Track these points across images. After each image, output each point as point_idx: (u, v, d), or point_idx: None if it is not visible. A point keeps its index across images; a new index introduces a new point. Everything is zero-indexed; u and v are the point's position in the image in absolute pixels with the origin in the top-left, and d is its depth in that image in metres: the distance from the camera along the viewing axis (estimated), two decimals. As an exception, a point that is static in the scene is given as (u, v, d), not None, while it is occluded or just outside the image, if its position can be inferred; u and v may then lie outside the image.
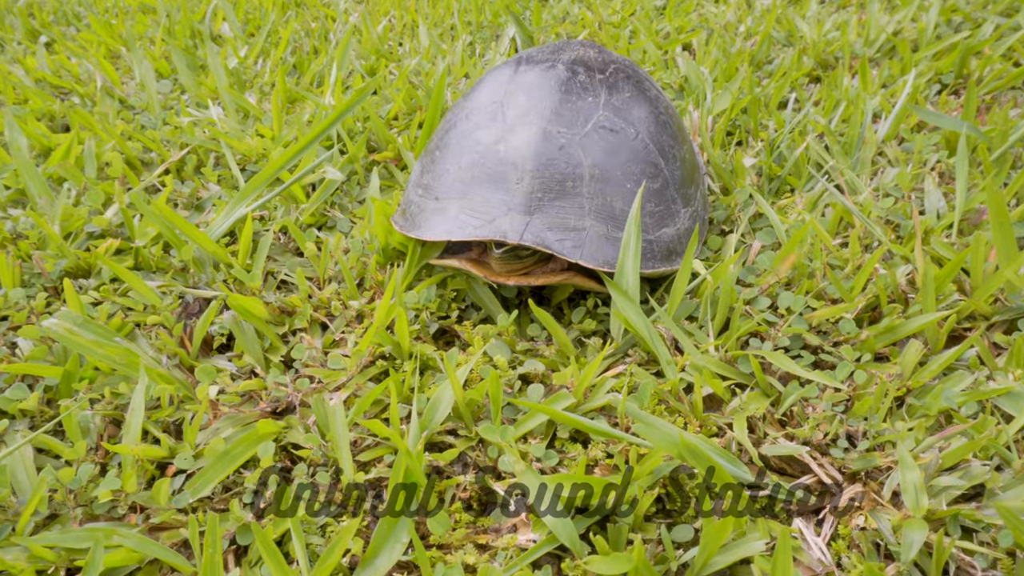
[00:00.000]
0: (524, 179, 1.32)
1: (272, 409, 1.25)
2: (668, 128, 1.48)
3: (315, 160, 1.74)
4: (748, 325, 1.29)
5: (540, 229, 1.29)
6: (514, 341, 1.33)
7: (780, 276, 1.42)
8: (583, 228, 1.30)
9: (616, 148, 1.37)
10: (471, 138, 1.41)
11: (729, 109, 1.98)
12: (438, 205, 1.39)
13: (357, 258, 1.53)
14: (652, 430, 1.03)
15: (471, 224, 1.31)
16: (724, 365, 1.26)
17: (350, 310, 1.42)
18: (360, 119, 2.07)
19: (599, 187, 1.34)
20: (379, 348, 1.32)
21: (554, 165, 1.33)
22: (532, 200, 1.31)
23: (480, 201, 1.34)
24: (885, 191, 1.69)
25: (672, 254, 1.41)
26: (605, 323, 1.39)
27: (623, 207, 1.34)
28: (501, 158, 1.36)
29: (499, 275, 1.35)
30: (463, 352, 1.35)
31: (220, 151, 1.94)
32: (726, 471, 1.01)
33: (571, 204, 1.32)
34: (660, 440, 1.00)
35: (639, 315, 1.26)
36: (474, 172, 1.37)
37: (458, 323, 1.42)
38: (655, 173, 1.40)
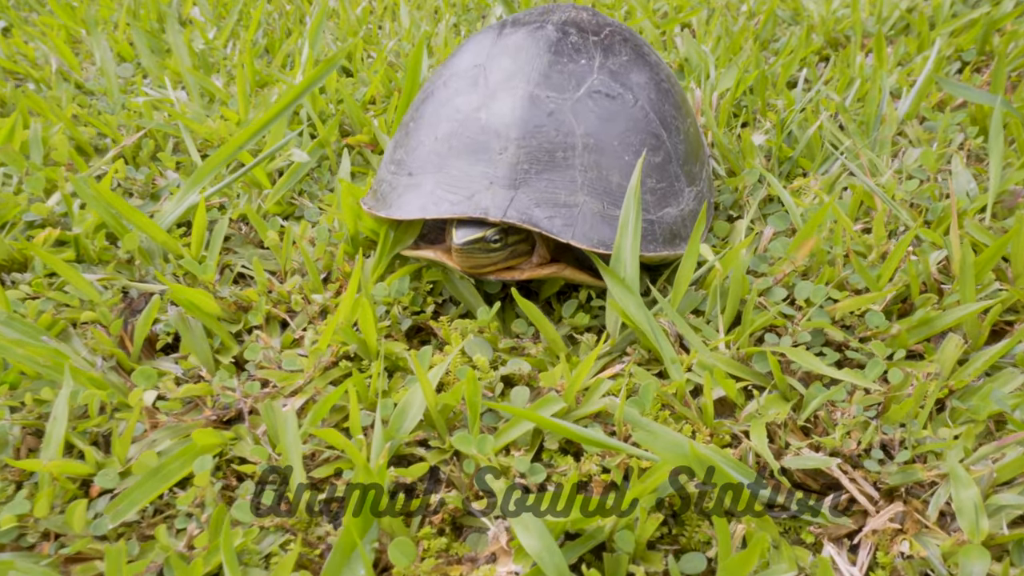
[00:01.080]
0: (508, 149, 1.17)
1: (218, 418, 1.09)
2: (670, 97, 1.32)
3: (280, 141, 1.57)
4: (763, 319, 1.13)
5: (526, 205, 1.13)
6: (496, 338, 1.17)
7: (797, 264, 1.26)
8: (575, 204, 1.15)
9: (613, 115, 1.21)
10: (449, 106, 1.25)
11: (735, 86, 1.82)
12: (411, 181, 1.23)
13: (323, 248, 1.37)
14: (656, 439, 0.87)
15: (447, 200, 1.16)
16: (737, 364, 1.10)
17: (313, 305, 1.26)
18: (333, 101, 1.90)
19: (594, 158, 1.18)
20: (343, 347, 1.16)
21: (542, 133, 1.17)
22: (517, 172, 1.15)
23: (459, 174, 1.18)
24: (908, 172, 1.53)
25: (675, 237, 1.25)
26: (600, 318, 1.23)
27: (620, 181, 1.18)
28: (483, 126, 1.20)
29: (473, 270, 1.19)
30: (439, 351, 1.18)
31: (180, 136, 1.77)
32: (745, 489, 0.84)
33: (562, 177, 1.16)
34: (666, 451, 0.84)
35: (639, 307, 1.10)
36: (452, 143, 1.21)
37: (434, 319, 1.26)
38: (656, 145, 1.24)
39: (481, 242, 1.13)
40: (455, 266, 1.19)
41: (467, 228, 1.14)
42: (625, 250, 1.13)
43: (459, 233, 1.14)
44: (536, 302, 1.28)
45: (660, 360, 1.13)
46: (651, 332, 1.08)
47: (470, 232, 1.13)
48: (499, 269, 1.19)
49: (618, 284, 1.11)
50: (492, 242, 1.14)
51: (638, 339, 1.14)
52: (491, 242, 1.14)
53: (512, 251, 1.18)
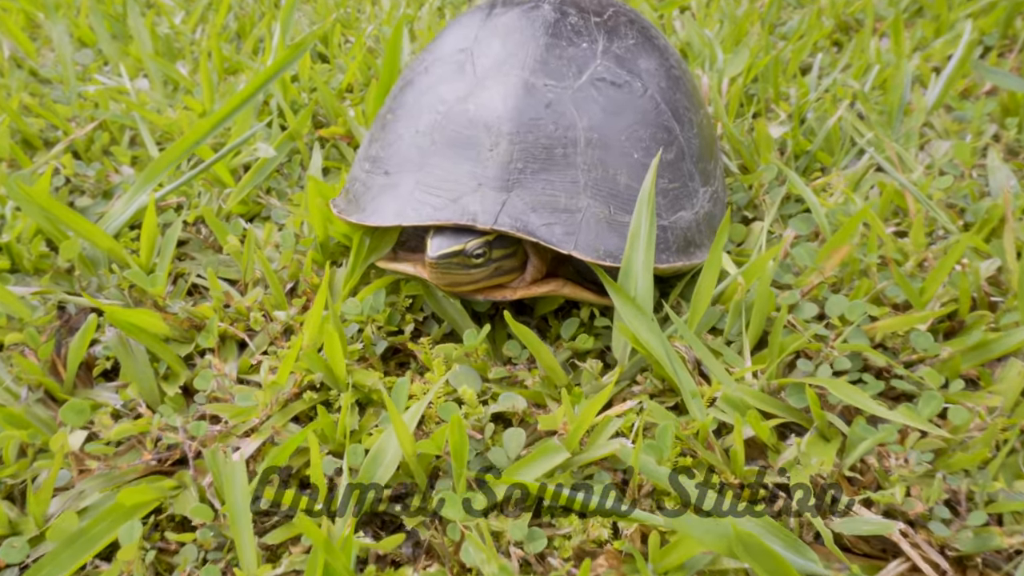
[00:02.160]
0: (500, 144, 1.01)
1: (161, 461, 0.93)
2: (682, 85, 1.17)
3: (244, 134, 1.41)
4: (795, 342, 0.98)
5: (521, 210, 0.97)
6: (486, 365, 1.01)
7: (826, 275, 1.11)
8: (578, 209, 0.99)
9: (620, 106, 1.05)
10: (432, 95, 1.10)
11: (746, 71, 1.66)
12: (387, 181, 1.07)
13: (289, 255, 1.21)
14: (691, 526, 0.71)
15: (429, 204, 1.00)
16: (767, 398, 0.94)
17: (275, 323, 1.10)
18: (306, 90, 1.74)
19: (598, 156, 1.02)
20: (307, 376, 1.00)
21: (539, 127, 1.02)
22: (510, 172, 1.00)
23: (442, 174, 1.03)
24: (940, 168, 1.38)
25: (690, 245, 1.09)
26: (604, 338, 1.08)
27: (629, 182, 1.03)
28: (470, 118, 1.04)
29: (450, 288, 1.04)
30: (419, 378, 1.03)
31: (138, 128, 1.60)
32: (793, 569, 0.68)
33: (562, 178, 1.00)
34: (703, 534, 0.68)
35: (652, 330, 0.95)
36: (435, 137, 1.05)
37: (414, 340, 1.09)
38: (668, 140, 1.08)
39: (460, 256, 0.97)
40: (439, 284, 1.03)
41: (444, 238, 0.98)
42: (636, 263, 0.97)
43: (434, 244, 0.98)
44: (531, 319, 1.13)
45: (675, 390, 0.98)
46: (667, 360, 0.93)
47: (447, 243, 0.98)
48: (484, 288, 1.03)
49: (627, 303, 0.96)
50: (474, 256, 0.98)
51: (650, 366, 0.99)
52: (472, 256, 0.98)
53: (497, 268, 1.02)
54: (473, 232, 0.98)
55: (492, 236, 0.99)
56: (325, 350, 0.96)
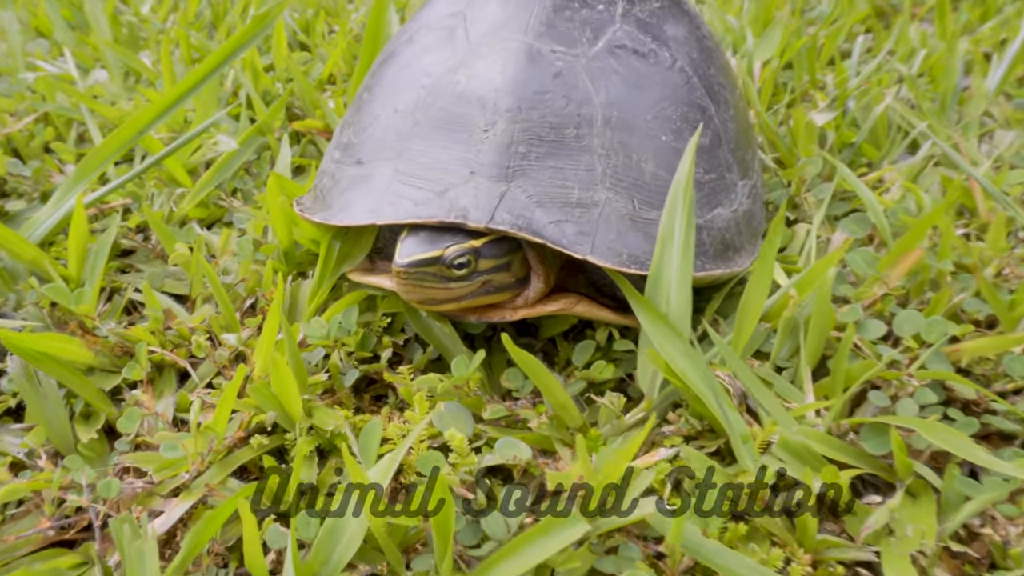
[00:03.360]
0: (497, 124, 0.82)
1: (64, 528, 0.73)
2: (715, 59, 0.98)
3: (201, 125, 1.21)
4: (867, 369, 0.78)
5: (523, 204, 0.78)
6: (480, 401, 0.82)
7: (891, 286, 0.92)
8: (594, 203, 0.80)
9: (644, 79, 0.86)
10: (415, 68, 0.91)
11: (780, 53, 1.46)
12: (360, 172, 0.88)
13: (248, 266, 1.01)
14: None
15: (409, 198, 0.81)
16: (835, 442, 0.75)
17: (223, 349, 0.90)
18: (282, 80, 1.54)
19: (619, 138, 0.83)
20: (256, 416, 0.80)
21: (546, 102, 0.83)
22: (510, 157, 0.81)
23: (427, 161, 0.84)
24: (1009, 162, 1.19)
25: (728, 249, 0.90)
26: (626, 364, 0.88)
27: (656, 171, 0.84)
28: (460, 93, 0.85)
29: (424, 306, 0.84)
30: (398, 415, 0.83)
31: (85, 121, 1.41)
32: None
33: (574, 164, 0.81)
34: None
35: (690, 356, 0.75)
36: (418, 118, 0.86)
37: (392, 368, 0.90)
38: (703, 122, 0.89)
39: (436, 265, 0.78)
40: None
41: (419, 240, 0.79)
42: (669, 271, 0.77)
43: (404, 247, 0.79)
44: (535, 342, 0.93)
45: (715, 431, 0.78)
46: (710, 396, 0.73)
47: (420, 247, 0.79)
48: (470, 308, 0.84)
49: (658, 323, 0.76)
50: (453, 266, 0.79)
51: (685, 401, 0.79)
52: (451, 266, 0.79)
53: (486, 283, 0.83)
54: (458, 234, 0.79)
55: (480, 242, 0.79)
56: (274, 384, 0.76)
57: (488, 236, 0.80)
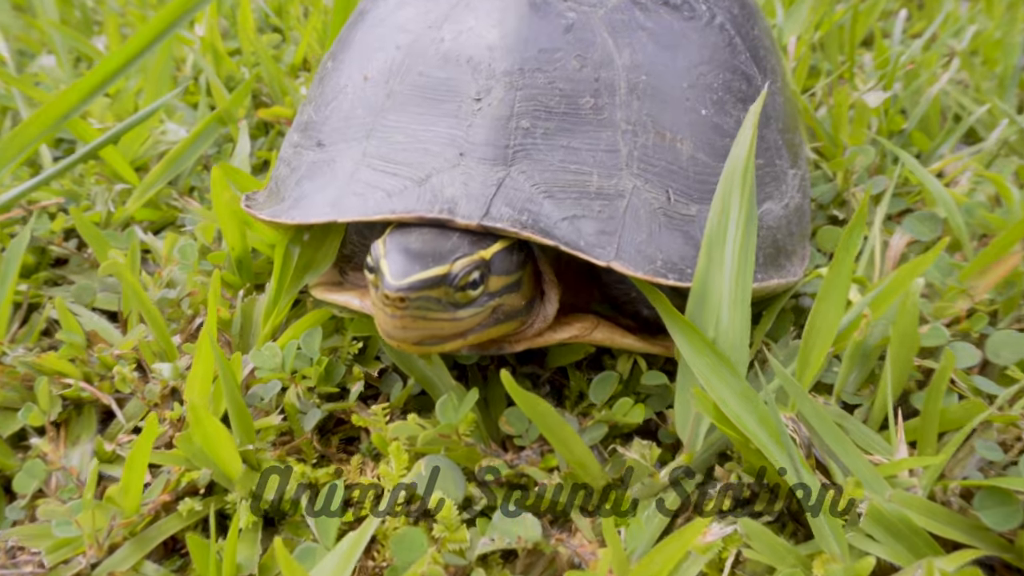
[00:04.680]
0: (493, 91, 0.65)
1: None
2: (759, 18, 0.81)
3: (146, 108, 1.03)
4: (973, 411, 0.61)
5: (528, 194, 0.61)
6: (474, 452, 0.64)
7: (977, 299, 0.75)
8: (618, 193, 0.63)
9: (678, 37, 0.70)
10: (388, 24, 0.74)
11: (814, 27, 1.29)
12: (320, 156, 0.71)
13: (192, 278, 0.84)
14: None
15: (381, 188, 0.64)
16: (940, 511, 0.57)
17: (154, 382, 0.72)
18: (248, 64, 1.36)
19: (648, 110, 0.66)
20: (187, 474, 0.62)
21: (556, 63, 0.66)
22: (510, 134, 0.64)
23: (403, 140, 0.67)
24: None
25: (780, 254, 0.73)
26: (655, 399, 0.71)
27: (695, 153, 0.67)
28: (445, 53, 0.68)
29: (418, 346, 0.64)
30: (371, 467, 0.66)
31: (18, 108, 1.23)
32: None
33: (592, 143, 0.65)
34: None
35: (747, 396, 0.57)
36: (392, 86, 0.69)
37: (364, 405, 0.72)
38: (748, 93, 0.72)
39: (441, 287, 0.59)
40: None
41: (408, 250, 0.60)
42: (720, 282, 0.60)
43: (394, 263, 0.59)
44: (542, 371, 0.76)
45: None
46: (776, 451, 0.55)
47: (417, 262, 0.59)
48: (475, 342, 0.66)
49: (705, 353, 0.58)
50: (466, 287, 0.60)
51: (736, 452, 0.61)
52: (462, 287, 0.60)
53: (496, 308, 0.64)
54: (456, 237, 0.62)
55: (489, 252, 0.61)
56: (195, 433, 0.58)
57: (499, 243, 0.62)
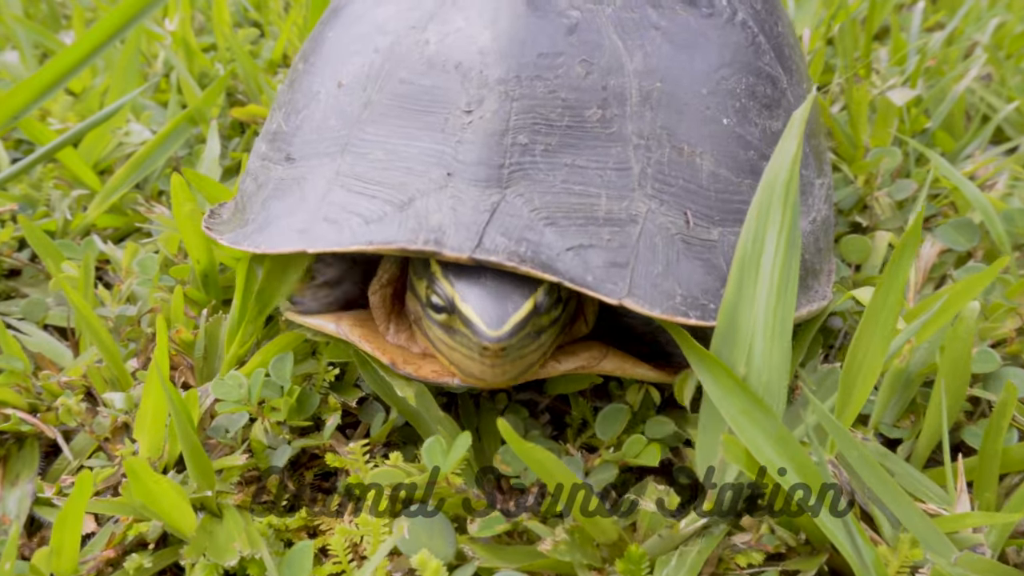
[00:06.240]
0: (486, 102, 0.58)
1: None
2: (781, 13, 0.74)
3: (108, 107, 0.95)
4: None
5: (526, 221, 0.55)
6: (466, 501, 0.56)
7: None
8: (632, 218, 0.56)
9: (696, 37, 0.63)
10: (365, 24, 0.66)
11: (827, 20, 1.21)
12: (290, 172, 0.64)
13: (153, 294, 0.76)
14: None
15: (358, 213, 0.57)
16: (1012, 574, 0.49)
17: (103, 415, 0.65)
18: (223, 61, 1.29)
19: (664, 122, 0.59)
20: (135, 527, 0.55)
21: (558, 70, 0.59)
22: (505, 151, 0.57)
23: (383, 157, 0.60)
24: None
25: (808, 275, 0.66)
26: (669, 434, 0.63)
27: (717, 169, 0.60)
28: (430, 58, 0.61)
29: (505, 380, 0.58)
30: (350, 513, 0.58)
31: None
32: None
33: (600, 161, 0.58)
34: None
35: (785, 442, 0.50)
36: (370, 94, 0.62)
37: (342, 437, 0.66)
38: (774, 99, 0.65)
39: (532, 319, 0.55)
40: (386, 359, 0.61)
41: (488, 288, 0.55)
42: (752, 314, 0.52)
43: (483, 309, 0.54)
44: (540, 398, 0.69)
45: (813, 543, 0.53)
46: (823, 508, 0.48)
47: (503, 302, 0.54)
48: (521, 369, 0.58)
49: (735, 393, 0.51)
50: (548, 311, 0.56)
51: (768, 502, 0.54)
52: (545, 313, 0.56)
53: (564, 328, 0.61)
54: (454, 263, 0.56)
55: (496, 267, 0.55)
56: (136, 491, 0.50)
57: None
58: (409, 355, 0.63)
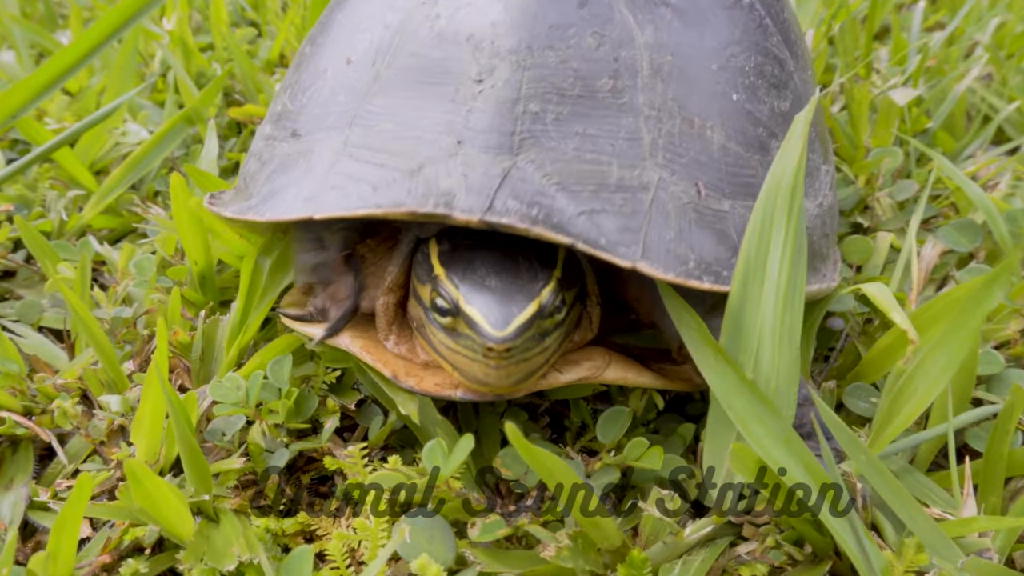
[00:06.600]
0: (497, 72, 0.58)
1: None
2: (786, 4, 0.75)
3: (104, 108, 0.95)
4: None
5: (538, 186, 0.54)
6: (467, 505, 0.55)
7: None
8: (643, 186, 0.56)
9: (705, 14, 0.63)
10: (375, 3, 0.66)
11: (828, 19, 1.21)
12: (296, 146, 0.63)
13: (149, 294, 0.76)
14: None
15: (366, 181, 0.56)
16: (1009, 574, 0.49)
17: (99, 418, 0.64)
18: (221, 60, 1.28)
19: (675, 95, 0.59)
20: (131, 532, 0.54)
21: (569, 41, 0.59)
22: (516, 119, 0.56)
23: (391, 128, 0.59)
24: None
25: (816, 256, 0.66)
26: (673, 436, 0.62)
27: (727, 142, 0.60)
28: (441, 31, 0.61)
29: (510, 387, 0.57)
30: (348, 517, 0.58)
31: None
32: None
33: (611, 130, 0.57)
34: None
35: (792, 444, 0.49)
36: (379, 68, 0.62)
37: (340, 440, 0.65)
38: (782, 79, 0.66)
39: (537, 319, 0.54)
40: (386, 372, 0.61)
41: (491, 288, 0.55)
42: (763, 312, 0.51)
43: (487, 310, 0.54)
44: (540, 401, 0.68)
45: (818, 551, 0.52)
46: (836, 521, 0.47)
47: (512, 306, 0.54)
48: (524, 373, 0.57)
49: (745, 395, 0.50)
50: (552, 313, 0.56)
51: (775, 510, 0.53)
52: (550, 314, 0.55)
53: (568, 331, 0.60)
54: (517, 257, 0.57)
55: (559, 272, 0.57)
56: (135, 494, 0.50)
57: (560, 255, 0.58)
58: (411, 366, 0.61)
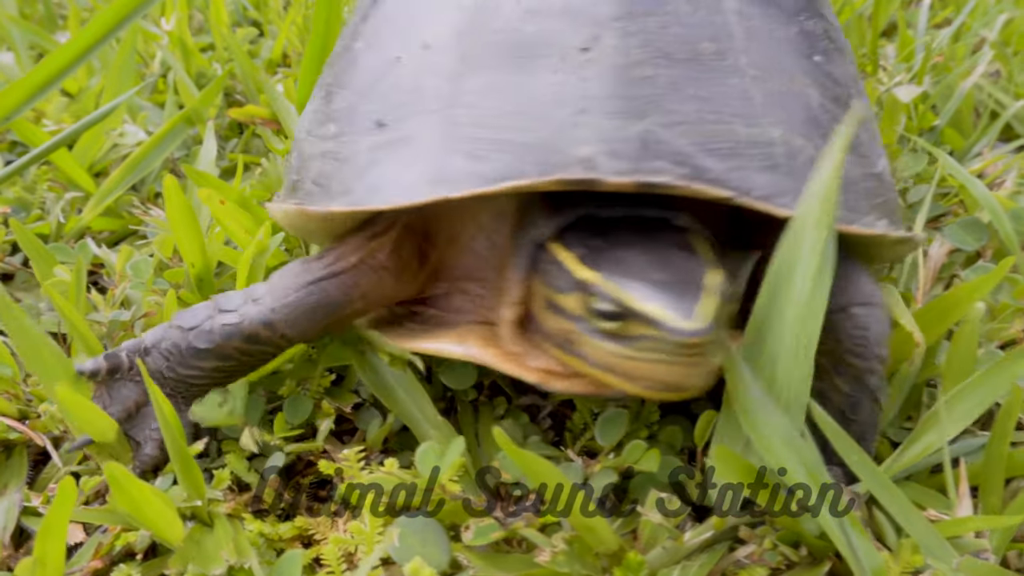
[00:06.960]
0: (603, 39, 0.56)
1: None
2: None
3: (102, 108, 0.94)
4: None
5: (675, 146, 0.53)
6: (460, 509, 0.55)
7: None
8: (770, 141, 0.56)
9: None
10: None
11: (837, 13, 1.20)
12: (388, 136, 0.59)
13: (146, 298, 0.75)
14: None
15: (496, 155, 0.54)
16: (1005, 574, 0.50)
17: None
18: (221, 61, 1.28)
19: (769, 56, 0.60)
20: (122, 536, 0.54)
21: (667, 6, 0.58)
22: (633, 83, 0.55)
23: (495, 104, 0.57)
24: None
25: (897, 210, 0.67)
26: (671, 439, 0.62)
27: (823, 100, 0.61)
28: (527, 6, 0.59)
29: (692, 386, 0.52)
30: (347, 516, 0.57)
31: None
32: None
33: (724, 91, 0.57)
34: None
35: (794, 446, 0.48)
36: (464, 49, 0.59)
37: (336, 443, 0.65)
38: (841, 44, 0.68)
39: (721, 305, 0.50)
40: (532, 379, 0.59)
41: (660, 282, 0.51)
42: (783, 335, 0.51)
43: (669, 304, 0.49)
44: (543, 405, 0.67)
45: (815, 553, 0.52)
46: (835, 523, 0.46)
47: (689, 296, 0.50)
48: None
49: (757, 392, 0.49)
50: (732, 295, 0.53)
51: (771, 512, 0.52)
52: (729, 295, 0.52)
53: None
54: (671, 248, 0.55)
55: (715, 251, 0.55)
56: (120, 501, 0.49)
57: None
58: (550, 374, 0.58)
